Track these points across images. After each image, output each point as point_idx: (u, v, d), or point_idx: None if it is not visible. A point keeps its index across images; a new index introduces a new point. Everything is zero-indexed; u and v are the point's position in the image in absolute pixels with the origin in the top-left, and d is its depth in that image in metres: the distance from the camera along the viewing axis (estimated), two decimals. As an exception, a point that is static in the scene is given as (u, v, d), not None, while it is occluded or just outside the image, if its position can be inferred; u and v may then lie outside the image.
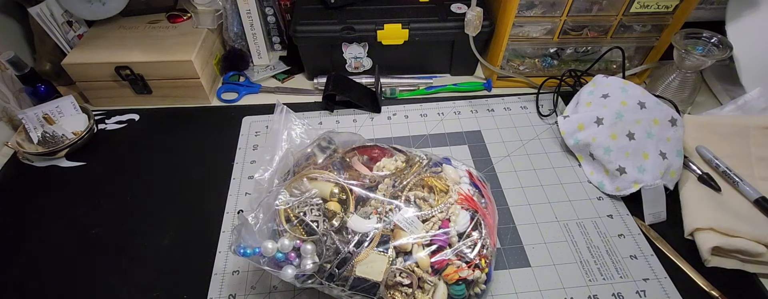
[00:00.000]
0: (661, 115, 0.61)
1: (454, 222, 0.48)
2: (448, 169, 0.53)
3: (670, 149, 0.60)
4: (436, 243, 0.46)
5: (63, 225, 0.61)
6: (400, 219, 0.46)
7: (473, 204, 0.49)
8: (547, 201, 0.61)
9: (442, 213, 0.48)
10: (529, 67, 0.79)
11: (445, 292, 0.45)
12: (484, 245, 0.47)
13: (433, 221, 0.47)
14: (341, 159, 0.52)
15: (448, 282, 0.45)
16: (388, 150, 0.54)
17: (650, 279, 0.53)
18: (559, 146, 0.69)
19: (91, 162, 0.69)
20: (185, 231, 0.59)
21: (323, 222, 0.46)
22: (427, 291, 0.45)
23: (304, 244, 0.45)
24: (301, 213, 0.47)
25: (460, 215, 0.48)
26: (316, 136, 0.56)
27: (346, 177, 0.50)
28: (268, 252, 0.45)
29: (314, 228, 0.46)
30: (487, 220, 0.49)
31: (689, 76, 0.68)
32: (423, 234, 0.46)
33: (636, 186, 0.58)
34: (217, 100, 0.80)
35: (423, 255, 0.45)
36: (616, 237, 0.57)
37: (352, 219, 0.46)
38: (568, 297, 0.51)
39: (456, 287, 0.45)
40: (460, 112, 0.75)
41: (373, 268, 0.44)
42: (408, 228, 0.46)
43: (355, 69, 0.81)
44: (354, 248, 0.44)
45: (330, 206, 0.47)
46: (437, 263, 0.45)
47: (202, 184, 0.65)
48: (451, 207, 0.49)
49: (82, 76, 0.73)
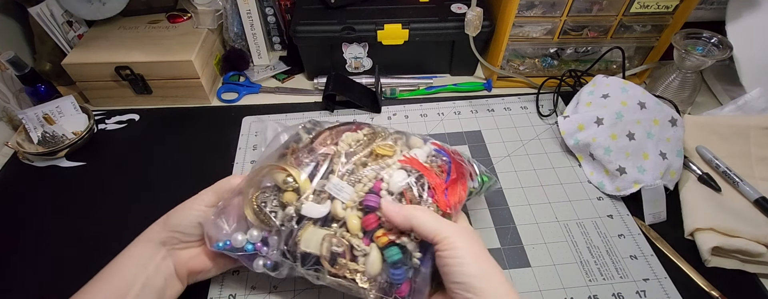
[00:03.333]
0: (661, 115, 0.62)
1: (387, 182, 0.45)
2: (413, 139, 0.51)
3: (670, 149, 0.60)
4: (366, 204, 0.43)
5: (63, 225, 0.61)
6: (330, 186, 0.45)
7: (417, 165, 0.46)
8: (547, 201, 0.61)
9: (372, 173, 0.45)
10: (529, 67, 0.79)
11: (379, 258, 0.42)
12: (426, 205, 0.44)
13: (363, 183, 0.45)
14: (311, 141, 0.51)
15: (380, 246, 0.42)
16: (356, 126, 0.53)
17: (650, 279, 0.53)
18: (559, 146, 0.69)
19: (92, 163, 0.69)
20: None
21: (282, 211, 0.46)
22: (360, 259, 0.43)
23: (270, 234, 0.45)
24: (262, 203, 0.47)
25: (394, 174, 0.45)
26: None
27: (312, 159, 0.48)
28: (237, 243, 0.46)
29: (272, 218, 0.45)
30: (432, 180, 0.45)
31: (689, 76, 0.68)
32: (352, 197, 0.45)
33: (636, 186, 0.58)
34: (217, 100, 0.80)
35: (354, 219, 0.44)
36: (616, 238, 0.57)
37: (306, 206, 0.45)
38: (569, 297, 0.51)
39: (390, 250, 0.41)
40: (460, 112, 0.76)
41: (314, 241, 0.43)
42: (338, 195, 0.45)
43: (355, 69, 0.81)
44: (295, 225, 0.44)
45: (285, 196, 0.46)
46: (366, 223, 0.43)
47: (202, 184, 0.64)
48: (385, 169, 0.46)
49: (82, 76, 0.73)
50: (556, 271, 0.54)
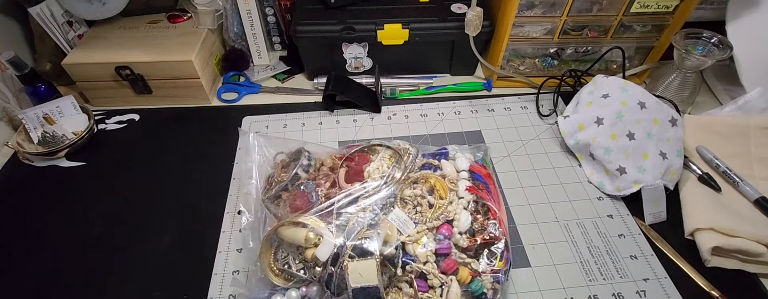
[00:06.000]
0: (661, 115, 0.61)
1: (456, 226, 0.48)
2: (446, 166, 0.53)
3: (671, 149, 0.60)
4: (440, 252, 0.47)
5: (63, 225, 0.61)
6: (394, 218, 0.46)
7: (483, 195, 0.50)
8: (547, 201, 0.61)
9: (437, 221, 0.48)
10: (529, 67, 0.79)
11: (459, 290, 0.45)
12: (496, 240, 0.47)
13: (427, 225, 0.48)
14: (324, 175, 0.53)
15: (463, 281, 0.45)
16: (366, 153, 0.54)
17: (650, 279, 0.53)
18: (560, 146, 0.69)
19: (92, 162, 0.69)
20: (185, 231, 0.59)
21: (310, 268, 0.46)
22: (435, 289, 0.45)
23: (309, 288, 0.46)
24: (285, 265, 0.47)
25: (461, 217, 0.49)
26: (286, 147, 0.57)
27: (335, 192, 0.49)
28: None
29: (303, 276, 0.46)
30: (494, 212, 0.49)
31: (689, 76, 0.68)
32: (414, 234, 0.46)
33: (636, 186, 0.58)
34: (218, 100, 0.80)
35: (423, 251, 0.45)
36: (617, 237, 0.57)
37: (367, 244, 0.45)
38: (569, 297, 0.51)
39: (474, 284, 0.45)
40: (460, 112, 0.75)
41: (366, 274, 0.43)
42: (402, 228, 0.46)
43: (355, 69, 0.81)
44: (331, 267, 0.44)
45: (308, 254, 0.45)
46: (448, 267, 0.46)
47: (202, 184, 0.65)
48: (449, 207, 0.49)
49: (83, 76, 0.73)
50: (556, 271, 0.54)
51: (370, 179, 0.49)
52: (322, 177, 0.52)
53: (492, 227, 0.49)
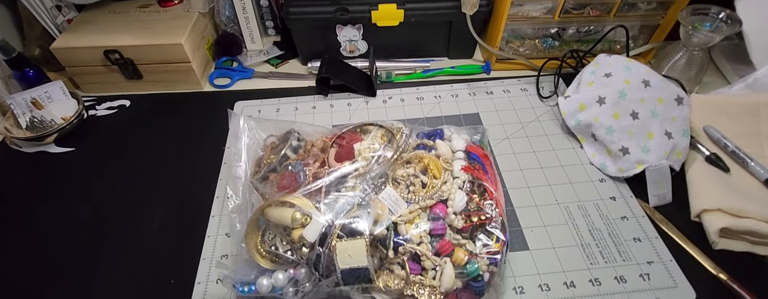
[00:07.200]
0: (666, 93, 0.59)
1: (451, 206, 0.46)
2: (441, 146, 0.51)
3: (676, 128, 0.58)
4: (435, 233, 0.45)
5: (51, 210, 0.59)
6: (385, 197, 0.44)
7: (479, 175, 0.48)
8: (547, 183, 0.59)
9: (430, 200, 0.46)
10: (529, 48, 0.77)
11: (453, 272, 0.43)
12: (493, 221, 0.46)
13: (420, 204, 0.46)
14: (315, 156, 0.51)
15: (459, 263, 0.43)
16: (358, 133, 0.52)
17: (655, 262, 0.50)
18: (560, 128, 0.67)
19: (81, 148, 0.67)
20: (174, 216, 0.58)
21: (297, 249, 0.44)
22: (428, 272, 0.43)
23: (297, 270, 0.44)
24: (272, 247, 0.45)
25: (455, 196, 0.47)
26: (277, 129, 0.55)
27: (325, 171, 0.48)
28: (263, 288, 0.44)
29: (290, 258, 0.44)
30: (490, 193, 0.47)
31: (696, 54, 0.66)
32: (406, 214, 0.44)
33: (640, 166, 0.56)
34: (210, 85, 0.78)
35: (416, 231, 0.43)
36: (619, 220, 0.55)
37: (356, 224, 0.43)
38: (569, 280, 0.49)
39: (471, 266, 0.43)
40: (457, 95, 0.73)
41: (355, 254, 0.41)
42: (393, 208, 0.44)
43: (350, 53, 0.79)
44: (319, 248, 0.42)
45: (295, 235, 0.43)
46: (443, 248, 0.44)
47: (193, 169, 0.64)
48: (444, 187, 0.47)
49: (72, 60, 0.72)
50: (555, 254, 0.52)
51: (361, 158, 0.48)
52: (312, 157, 0.50)
53: (488, 207, 0.47)
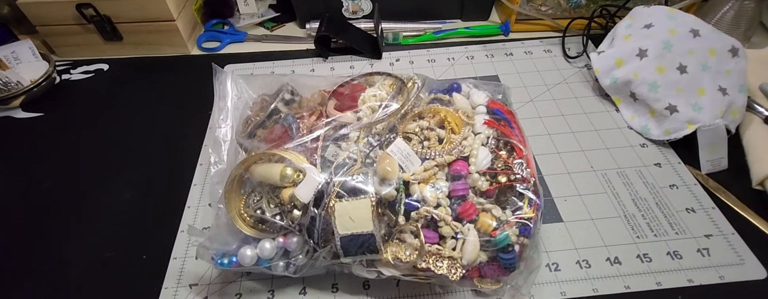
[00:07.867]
0: (718, 44, 0.51)
1: (474, 163, 0.38)
2: (459, 100, 0.44)
3: (731, 84, 0.50)
4: (455, 194, 0.37)
5: (12, 178, 0.52)
6: (394, 150, 0.36)
7: (505, 131, 0.41)
8: (579, 149, 0.51)
9: (449, 156, 0.38)
10: (552, 7, 0.69)
11: (477, 242, 0.35)
12: (524, 182, 0.38)
13: (436, 161, 0.38)
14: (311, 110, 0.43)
15: (484, 231, 0.36)
16: (362, 83, 0.45)
17: (714, 235, 0.43)
18: (591, 90, 0.59)
19: (50, 114, 0.60)
20: (151, 185, 0.51)
21: (287, 212, 0.36)
22: (447, 240, 0.36)
23: (288, 239, 0.36)
24: (258, 210, 0.37)
25: (478, 153, 0.39)
26: (267, 85, 0.47)
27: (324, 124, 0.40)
28: (246, 260, 0.36)
29: (279, 223, 0.36)
30: (519, 151, 0.40)
31: (747, 5, 0.58)
32: (420, 172, 0.36)
33: (690, 126, 0.48)
34: (198, 48, 0.70)
35: (432, 192, 0.36)
36: (667, 188, 0.47)
37: (352, 182, 0.35)
38: (612, 256, 0.42)
39: (501, 235, 0.36)
40: (473, 57, 0.65)
41: (357, 217, 0.34)
42: (403, 163, 0.36)
43: (352, 13, 0.71)
44: (314, 210, 0.34)
45: (285, 195, 0.36)
46: (466, 213, 0.36)
47: (175, 137, 0.56)
48: (464, 143, 0.39)
49: (42, 18, 0.64)
50: (594, 226, 0.44)
51: (365, 107, 0.40)
52: (306, 110, 0.42)
53: (518, 167, 0.39)
